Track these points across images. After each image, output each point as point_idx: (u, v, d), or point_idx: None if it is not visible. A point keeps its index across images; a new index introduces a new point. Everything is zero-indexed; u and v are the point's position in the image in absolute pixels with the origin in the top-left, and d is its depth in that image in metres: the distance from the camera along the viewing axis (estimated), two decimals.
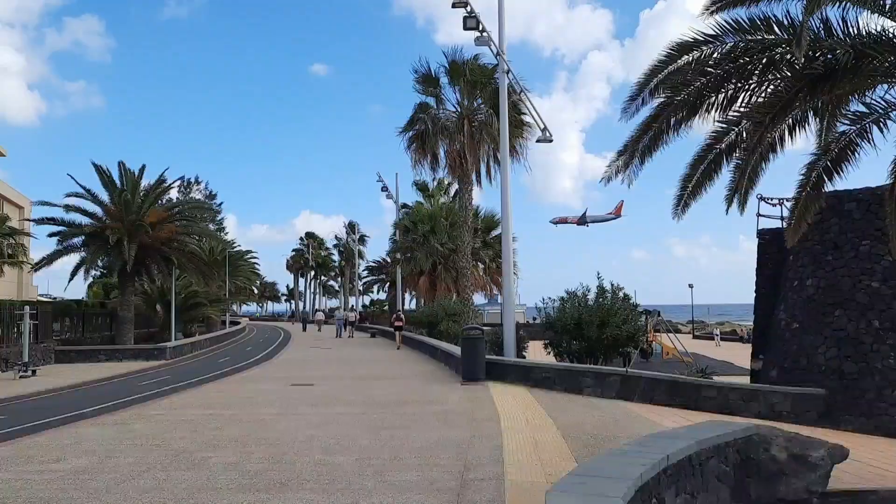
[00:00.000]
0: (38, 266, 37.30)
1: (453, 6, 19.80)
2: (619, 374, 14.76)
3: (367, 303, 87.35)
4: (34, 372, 22.86)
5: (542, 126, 20.03)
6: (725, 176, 11.44)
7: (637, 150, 11.66)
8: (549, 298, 19.84)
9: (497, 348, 20.98)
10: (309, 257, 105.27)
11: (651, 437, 8.13)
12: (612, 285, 18.99)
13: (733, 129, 11.03)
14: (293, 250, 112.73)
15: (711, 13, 10.41)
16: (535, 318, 28.36)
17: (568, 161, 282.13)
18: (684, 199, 11.84)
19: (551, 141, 20.18)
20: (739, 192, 11.04)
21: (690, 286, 67.22)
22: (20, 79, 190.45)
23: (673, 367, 24.24)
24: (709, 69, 10.60)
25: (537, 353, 24.48)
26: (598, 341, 18.09)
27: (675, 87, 11.04)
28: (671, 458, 6.56)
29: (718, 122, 10.94)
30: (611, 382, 14.65)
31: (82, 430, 11.17)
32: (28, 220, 41.24)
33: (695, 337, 55.52)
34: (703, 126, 11.32)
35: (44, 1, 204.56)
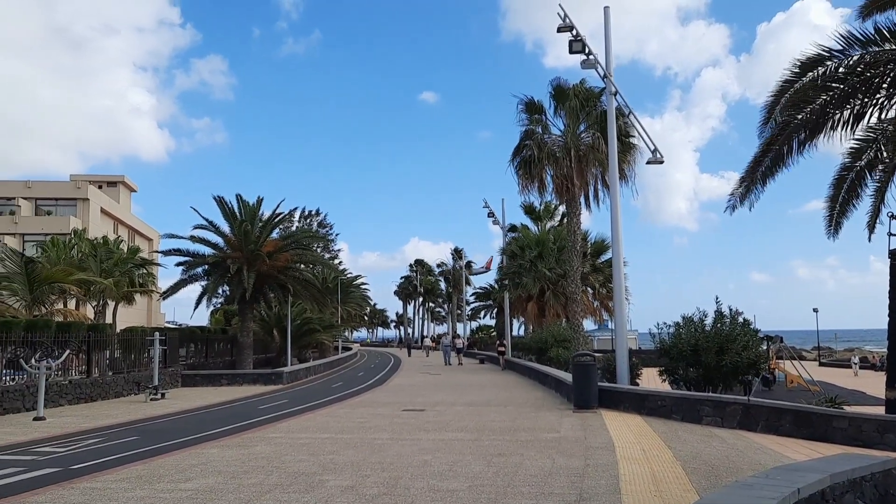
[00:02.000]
0: (165, 294, 39.54)
1: (559, 31, 19.85)
2: (741, 402, 14.10)
3: (475, 328, 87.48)
4: (163, 395, 24.13)
5: (652, 147, 19.61)
6: (866, 200, 10.90)
7: (758, 174, 11.26)
8: (664, 324, 19.25)
9: (609, 375, 20.54)
10: (417, 283, 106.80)
11: (778, 469, 7.72)
12: (731, 310, 18.26)
13: (870, 147, 10.49)
14: (402, 277, 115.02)
15: (864, 17, 9.92)
16: (650, 343, 27.60)
17: (682, 182, 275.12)
18: (835, 219, 11.33)
19: (662, 162, 19.71)
20: (877, 212, 10.47)
21: (815, 310, 63.71)
22: (151, 118, 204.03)
23: (798, 395, 23.00)
24: (832, 84, 10.13)
25: (651, 380, 23.80)
26: (717, 368, 17.38)
27: (796, 105, 10.62)
28: (802, 493, 6.21)
29: (855, 139, 10.44)
30: (731, 411, 14.02)
31: (208, 451, 11.67)
32: (156, 251, 43.82)
33: (821, 364, 52.52)
34: (827, 145, 10.82)
35: (173, 44, 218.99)
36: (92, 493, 8.34)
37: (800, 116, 10.27)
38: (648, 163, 19.91)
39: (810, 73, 10.27)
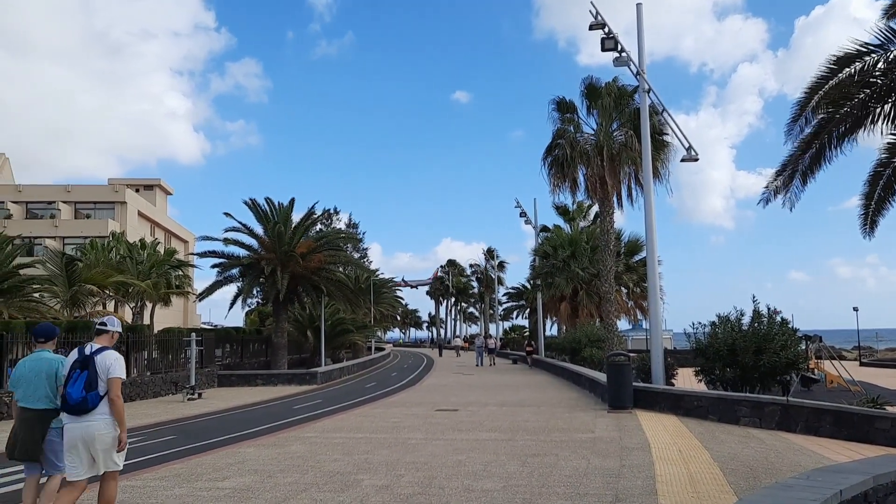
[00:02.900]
0: (201, 296, 40.11)
1: (591, 28, 19.69)
2: (780, 403, 13.86)
3: (507, 328, 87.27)
4: (200, 395, 24.48)
5: (686, 145, 19.37)
6: None
7: (797, 169, 11.06)
8: (700, 323, 19.02)
9: (644, 375, 20.34)
10: (449, 284, 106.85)
11: (819, 471, 7.58)
12: (769, 309, 17.98)
13: None
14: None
15: (890, 17, 9.74)
16: (685, 343, 27.28)
17: (718, 179, 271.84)
18: (870, 217, 11.10)
19: (697, 159, 19.46)
20: None
21: (855, 309, 62.65)
22: (187, 122, 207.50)
23: (838, 396, 22.54)
24: (873, 80, 9.91)
25: (686, 380, 23.52)
26: (755, 369, 17.11)
27: (836, 100, 10.41)
28: (844, 494, 6.09)
29: (892, 135, 10.21)
30: (770, 412, 13.80)
31: (244, 450, 11.79)
32: (192, 253, 44.42)
33: (862, 364, 51.44)
34: (869, 139, 10.59)
35: (208, 48, 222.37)
36: (132, 490, 8.48)
37: (840, 111, 10.07)
38: (683, 160, 19.68)
39: (847, 69, 10.05)
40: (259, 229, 36.71)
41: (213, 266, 37.07)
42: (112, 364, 6.24)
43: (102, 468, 6.24)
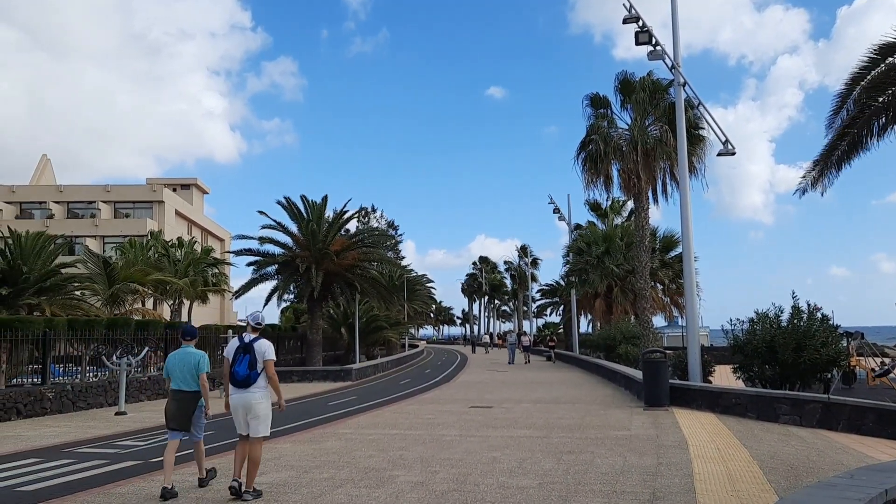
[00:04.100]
0: (237, 293, 40.54)
1: (624, 22, 19.49)
2: (820, 400, 13.60)
3: (541, 325, 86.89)
4: None
5: (723, 139, 19.08)
6: None
7: (832, 159, 10.83)
8: (738, 320, 18.71)
9: (680, 372, 20.10)
10: (483, 281, 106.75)
11: (863, 469, 7.41)
12: (809, 305, 17.62)
13: None
14: (467, 275, 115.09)
15: None
16: (722, 340, 26.89)
17: (757, 174, 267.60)
18: None
19: (734, 153, 19.14)
20: None
21: None
22: (224, 121, 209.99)
23: (881, 393, 22.04)
24: None
25: (724, 377, 23.20)
26: (794, 366, 16.80)
27: (877, 88, 10.16)
28: (890, 494, 5.94)
29: None
30: (810, 410, 13.55)
31: (280, 446, 11.90)
32: (228, 251, 44.93)
33: None
34: None
35: (244, 47, 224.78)
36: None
37: (880, 99, 9.83)
38: (719, 154, 19.38)
39: (890, 58, 9.80)
40: (293, 227, 37.01)
41: (249, 264, 37.43)
42: (266, 349, 7.94)
43: (252, 433, 7.92)
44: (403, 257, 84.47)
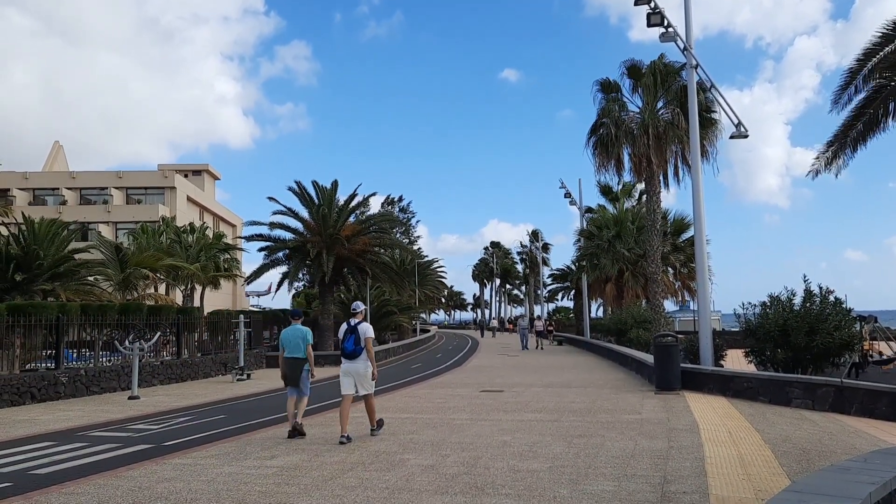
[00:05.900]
0: (249, 279, 40.72)
1: (636, 3, 19.23)
2: (833, 384, 13.52)
3: (553, 310, 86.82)
4: (249, 376, 24.89)
5: (735, 121, 18.88)
6: None
7: (848, 139, 10.68)
8: (750, 303, 18.60)
9: (691, 356, 20.05)
10: (494, 266, 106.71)
11: (877, 453, 7.34)
12: (822, 289, 17.48)
13: None
14: (478, 259, 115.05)
15: None
16: (734, 324, 26.78)
17: (772, 157, 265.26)
18: None
19: (746, 136, 18.96)
20: None
21: None
22: (237, 106, 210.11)
23: (894, 378, 21.90)
24: None
25: (736, 361, 23.11)
26: (807, 349, 16.70)
27: (890, 68, 9.99)
28: None
29: None
30: (823, 394, 13.48)
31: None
32: (240, 237, 45.03)
33: None
34: None
35: (258, 32, 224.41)
36: (183, 468, 8.66)
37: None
38: (732, 137, 19.20)
39: None
40: (305, 213, 37.06)
41: (261, 249, 37.55)
42: (366, 330, 10.55)
43: (362, 391, 10.72)
44: (419, 237, 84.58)
